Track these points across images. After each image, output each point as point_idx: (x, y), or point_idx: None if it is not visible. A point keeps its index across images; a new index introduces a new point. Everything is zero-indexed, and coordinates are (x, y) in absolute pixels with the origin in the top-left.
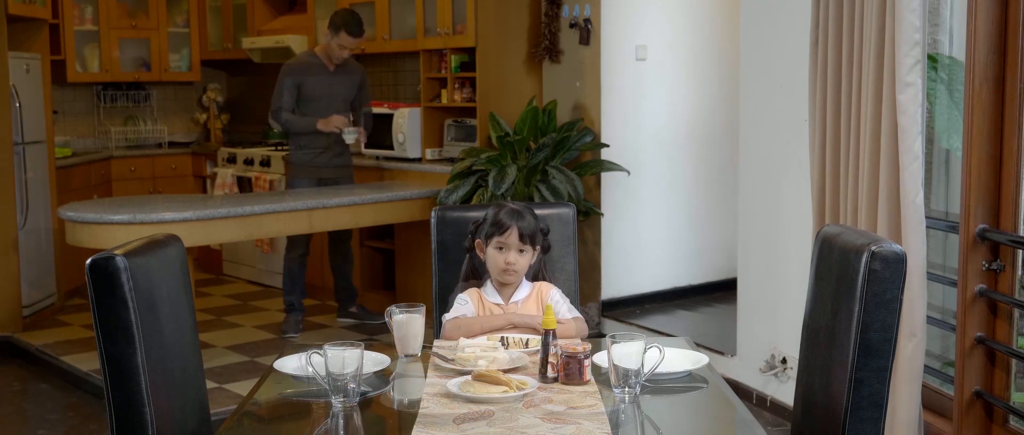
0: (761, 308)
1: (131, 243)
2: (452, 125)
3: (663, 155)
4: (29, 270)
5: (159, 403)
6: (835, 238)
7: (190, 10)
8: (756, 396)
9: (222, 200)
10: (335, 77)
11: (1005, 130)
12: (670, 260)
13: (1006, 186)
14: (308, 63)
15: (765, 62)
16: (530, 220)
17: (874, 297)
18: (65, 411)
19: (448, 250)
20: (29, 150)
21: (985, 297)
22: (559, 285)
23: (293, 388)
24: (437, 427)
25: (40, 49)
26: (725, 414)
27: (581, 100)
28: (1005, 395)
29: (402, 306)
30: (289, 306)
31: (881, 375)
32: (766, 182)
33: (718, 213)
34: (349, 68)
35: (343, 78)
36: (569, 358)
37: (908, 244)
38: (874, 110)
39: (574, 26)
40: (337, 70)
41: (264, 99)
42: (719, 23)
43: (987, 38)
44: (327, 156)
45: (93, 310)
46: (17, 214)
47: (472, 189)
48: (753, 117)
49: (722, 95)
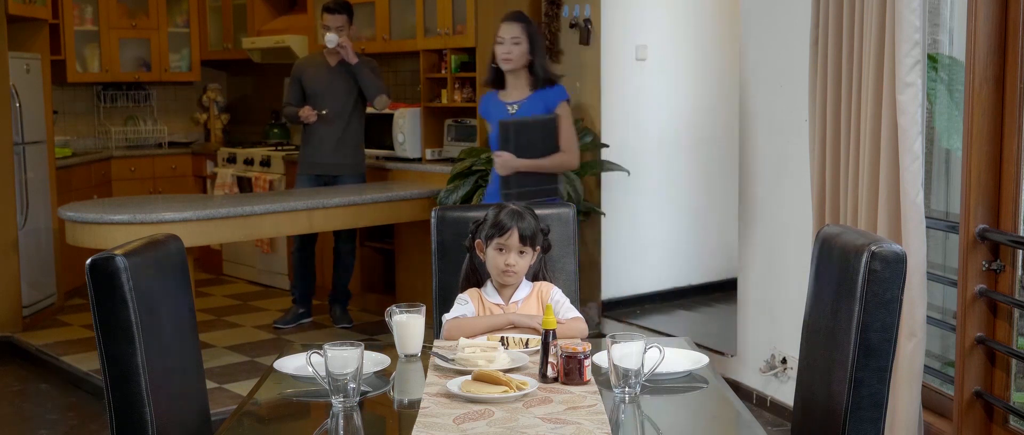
0: (761, 308)
1: (131, 243)
2: (452, 125)
3: (663, 155)
4: (29, 270)
5: (159, 403)
6: (835, 238)
7: (190, 10)
8: (756, 396)
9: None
10: (335, 71)
11: (1005, 130)
12: (670, 260)
13: (1006, 186)
14: (309, 59)
15: (765, 62)
16: (530, 221)
17: (874, 297)
18: (65, 411)
19: (448, 250)
20: (29, 150)
21: (985, 297)
22: (559, 285)
23: (293, 388)
24: (437, 427)
25: (40, 49)
26: (725, 414)
27: (581, 100)
28: (1005, 395)
29: (402, 306)
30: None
31: (881, 375)
32: (766, 182)
33: (718, 213)
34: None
35: (344, 73)
36: (569, 358)
37: (908, 244)
38: (874, 110)
39: (574, 26)
40: (338, 65)
41: (264, 99)
42: (719, 23)
43: (987, 38)
44: (325, 152)
45: (93, 310)
46: (17, 214)
47: (472, 189)
48: (753, 117)
49: (722, 95)
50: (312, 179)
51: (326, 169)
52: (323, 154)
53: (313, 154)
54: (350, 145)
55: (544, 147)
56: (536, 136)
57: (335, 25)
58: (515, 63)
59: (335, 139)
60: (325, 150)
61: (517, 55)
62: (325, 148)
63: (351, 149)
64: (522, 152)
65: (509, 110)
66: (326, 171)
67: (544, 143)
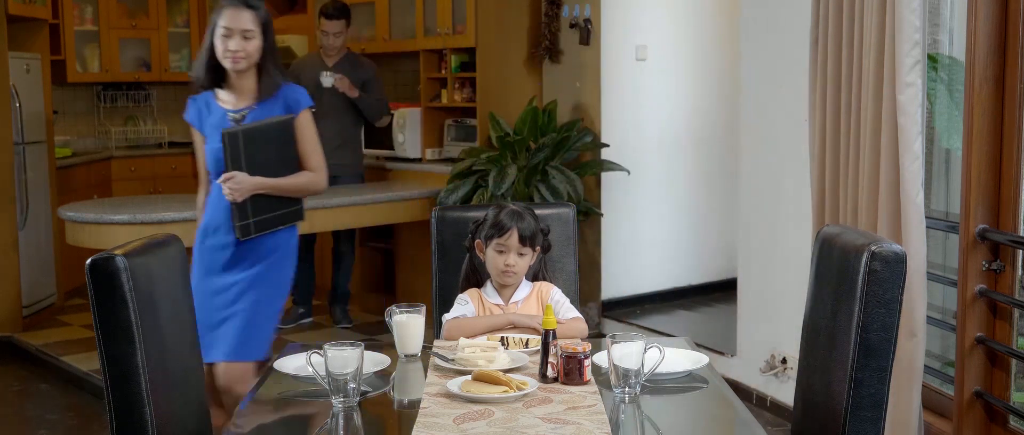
0: (761, 308)
1: (131, 243)
2: (452, 125)
3: (663, 155)
4: (29, 270)
5: (159, 403)
6: (835, 238)
7: (190, 10)
8: (756, 396)
9: None
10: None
11: (1005, 130)
12: (670, 260)
13: (1006, 186)
14: (306, 60)
15: (765, 62)
16: (530, 222)
17: (874, 297)
18: (65, 411)
19: (448, 250)
20: (29, 150)
21: (985, 297)
22: (559, 285)
23: (293, 388)
24: (437, 427)
25: (40, 49)
26: (725, 414)
27: (581, 100)
28: (1005, 395)
29: (402, 306)
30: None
31: (881, 375)
32: (766, 182)
33: (718, 213)
34: (355, 65)
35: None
36: (569, 358)
37: (908, 244)
38: (874, 110)
39: (574, 26)
40: (337, 66)
41: None
42: (719, 23)
43: (987, 38)
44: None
45: (93, 310)
46: (17, 214)
47: (472, 189)
48: (753, 117)
49: (722, 95)
50: None
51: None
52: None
53: None
54: (349, 145)
55: (284, 161)
56: (272, 147)
57: (334, 31)
58: (248, 62)
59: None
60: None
61: (251, 51)
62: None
63: (350, 149)
64: (257, 169)
65: (232, 119)
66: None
67: (283, 156)
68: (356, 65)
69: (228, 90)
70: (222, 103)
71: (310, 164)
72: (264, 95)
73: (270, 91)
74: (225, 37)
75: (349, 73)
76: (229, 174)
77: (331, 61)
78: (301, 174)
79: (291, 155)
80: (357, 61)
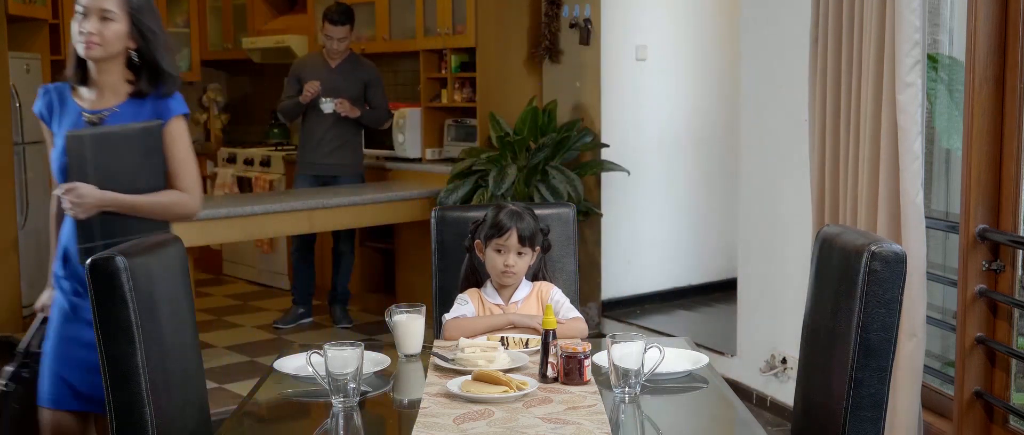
0: (761, 308)
1: (131, 243)
2: (452, 125)
3: (663, 155)
4: (29, 270)
5: (159, 403)
6: (835, 238)
7: (190, 10)
8: (756, 396)
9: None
10: (335, 74)
11: (1005, 130)
12: (670, 260)
13: (1006, 186)
14: (308, 59)
15: (765, 62)
16: (530, 222)
17: (874, 297)
18: None
19: (448, 250)
20: (29, 150)
21: (985, 297)
22: (559, 285)
23: (293, 388)
24: (437, 427)
25: (40, 49)
26: (725, 414)
27: (581, 100)
28: (1005, 395)
29: (402, 306)
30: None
31: (881, 375)
32: (766, 182)
33: (718, 213)
34: (356, 66)
35: (345, 75)
36: (569, 358)
37: (908, 244)
38: (874, 110)
39: (574, 26)
40: (339, 67)
41: (264, 99)
42: (719, 23)
43: (987, 38)
44: (323, 152)
45: (93, 310)
46: (17, 214)
47: (472, 189)
48: (753, 117)
49: (722, 95)
50: (311, 179)
51: (325, 169)
52: (322, 154)
53: (312, 154)
54: (349, 145)
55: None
56: (132, 158)
57: (338, 37)
58: (105, 49)
59: (334, 139)
60: (324, 150)
61: (110, 38)
62: (324, 148)
63: (350, 149)
64: (109, 182)
65: (87, 121)
66: (325, 171)
67: (142, 168)
68: (358, 66)
69: (91, 86)
70: (79, 100)
71: (180, 182)
72: (130, 95)
73: (141, 91)
74: (82, 17)
75: (351, 74)
76: (70, 184)
77: (334, 63)
78: (165, 192)
79: (158, 170)
80: (359, 63)
